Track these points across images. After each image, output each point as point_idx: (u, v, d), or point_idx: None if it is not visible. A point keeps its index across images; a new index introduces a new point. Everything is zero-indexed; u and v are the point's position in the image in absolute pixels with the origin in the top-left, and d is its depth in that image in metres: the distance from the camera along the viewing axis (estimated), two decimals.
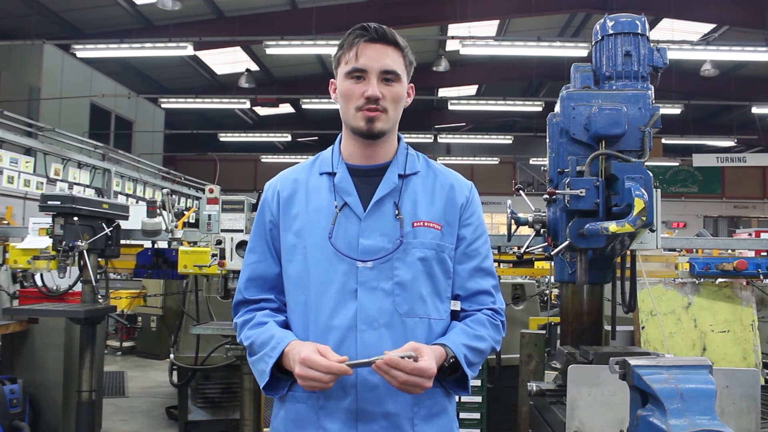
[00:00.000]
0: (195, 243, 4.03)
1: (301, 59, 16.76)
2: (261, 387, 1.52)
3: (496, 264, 1.86)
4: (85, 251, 3.62)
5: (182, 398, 4.58)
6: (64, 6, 13.51)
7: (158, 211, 4.07)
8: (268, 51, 11.19)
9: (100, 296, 3.84)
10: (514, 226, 2.35)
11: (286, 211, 1.60)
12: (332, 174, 1.60)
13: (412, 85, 1.64)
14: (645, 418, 1.30)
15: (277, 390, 1.53)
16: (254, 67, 17.05)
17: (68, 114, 14.16)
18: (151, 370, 7.60)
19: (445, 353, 1.46)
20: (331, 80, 1.64)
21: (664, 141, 19.91)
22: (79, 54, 12.60)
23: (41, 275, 4.14)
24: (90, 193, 10.90)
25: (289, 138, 21.01)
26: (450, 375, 1.51)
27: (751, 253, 4.39)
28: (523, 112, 18.47)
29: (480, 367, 1.59)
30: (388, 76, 1.53)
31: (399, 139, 1.66)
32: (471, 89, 21.11)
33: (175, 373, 4.55)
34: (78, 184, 11.29)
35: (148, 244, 4.32)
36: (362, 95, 1.51)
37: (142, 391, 6.53)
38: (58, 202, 3.52)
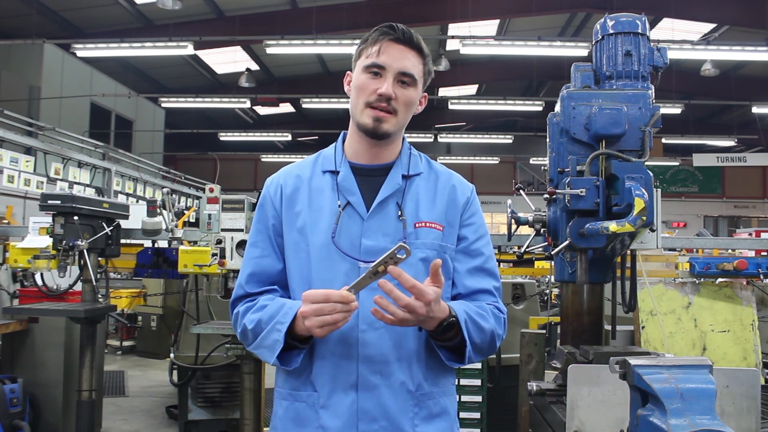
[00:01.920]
0: (195, 242, 4.03)
1: (301, 59, 16.78)
2: (273, 358, 1.45)
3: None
4: (85, 250, 3.62)
5: (182, 397, 4.58)
6: (64, 5, 13.51)
7: (158, 210, 4.07)
8: (269, 50, 11.19)
9: (100, 295, 3.84)
10: (514, 226, 2.35)
11: (289, 208, 1.59)
12: (335, 172, 1.60)
13: (425, 94, 1.64)
14: (645, 417, 1.30)
15: (290, 361, 1.48)
16: (254, 67, 17.06)
17: (68, 113, 14.17)
18: (151, 369, 7.60)
19: (448, 309, 1.43)
20: (348, 72, 1.63)
21: (664, 141, 19.93)
22: (80, 53, 12.60)
23: (41, 274, 4.14)
24: (90, 193, 10.92)
25: (289, 137, 21.02)
26: (448, 341, 1.48)
27: (751, 253, 4.39)
28: (524, 112, 18.49)
29: (482, 356, 1.54)
30: (404, 79, 1.53)
31: (403, 139, 1.66)
32: (471, 89, 21.11)
33: (175, 372, 4.56)
34: (78, 184, 11.30)
35: (148, 243, 4.32)
36: (375, 91, 1.51)
37: (142, 390, 6.53)
38: (59, 202, 3.52)
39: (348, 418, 1.47)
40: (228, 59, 16.89)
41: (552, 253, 2.22)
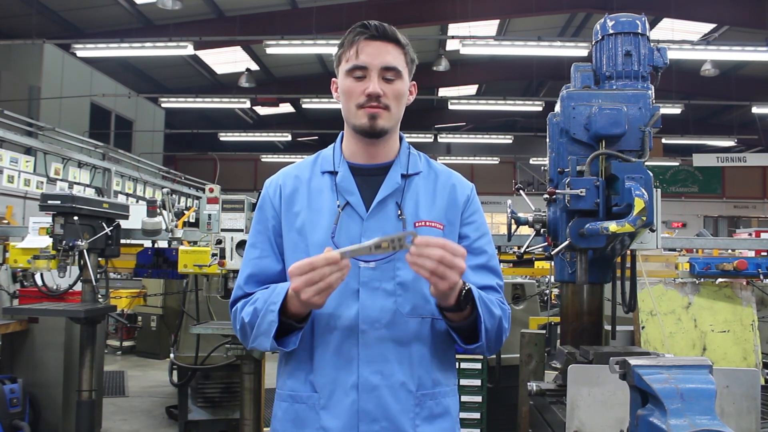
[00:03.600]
0: (195, 242, 4.04)
1: (301, 59, 16.77)
2: (270, 340, 1.43)
3: None
4: (85, 251, 3.62)
5: (182, 398, 4.58)
6: (64, 5, 13.51)
7: (158, 210, 4.07)
8: (268, 50, 11.19)
9: (100, 296, 3.84)
10: (514, 226, 2.35)
11: (288, 208, 1.58)
12: (334, 173, 1.59)
13: (414, 83, 1.64)
14: (645, 417, 1.30)
15: (288, 342, 1.47)
16: (254, 67, 17.06)
17: (68, 113, 14.17)
18: (151, 369, 7.60)
19: (462, 282, 1.41)
20: (333, 79, 1.63)
21: (664, 141, 19.93)
22: (80, 53, 12.60)
23: (41, 275, 4.14)
24: (90, 193, 10.93)
25: (289, 138, 21.03)
26: (463, 320, 1.46)
27: (751, 253, 4.39)
28: (524, 112, 18.50)
29: (490, 349, 1.52)
30: (388, 74, 1.52)
31: (401, 138, 1.66)
32: (471, 89, 21.12)
33: (175, 372, 4.56)
34: (78, 184, 11.31)
35: (148, 243, 4.32)
36: (363, 92, 1.51)
37: (142, 390, 6.53)
38: (59, 202, 3.52)
39: (348, 418, 1.46)
40: (228, 59, 16.89)
41: (552, 253, 2.22)
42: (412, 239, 1.30)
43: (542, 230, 2.28)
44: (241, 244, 3.36)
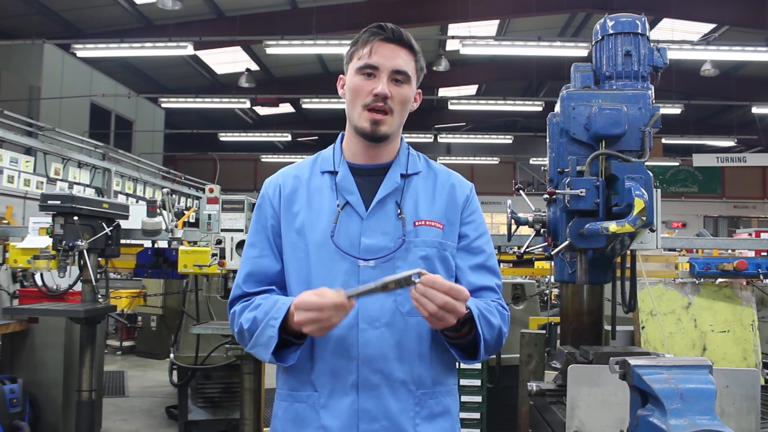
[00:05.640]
0: (195, 243, 4.03)
1: (301, 59, 16.78)
2: (269, 355, 1.44)
3: None
4: (85, 251, 3.62)
5: (182, 398, 4.58)
6: (64, 5, 13.51)
7: (158, 210, 4.07)
8: (269, 51, 11.19)
9: (100, 296, 3.84)
10: (514, 226, 2.35)
11: (288, 208, 1.59)
12: (334, 173, 1.60)
13: (420, 91, 1.65)
14: (645, 418, 1.30)
15: (286, 357, 1.47)
16: (254, 67, 17.06)
17: (68, 113, 14.17)
18: (151, 369, 7.60)
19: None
20: (340, 75, 1.64)
21: (664, 141, 19.94)
22: (80, 53, 12.60)
23: (41, 275, 4.14)
24: (90, 193, 10.92)
25: (289, 138, 21.03)
26: (462, 338, 1.47)
27: (751, 253, 4.39)
28: (524, 112, 18.50)
29: (490, 354, 1.52)
30: (398, 77, 1.53)
31: (401, 139, 1.66)
32: (471, 89, 21.12)
33: (175, 372, 4.56)
34: (78, 184, 11.30)
35: (148, 243, 4.32)
36: (371, 92, 1.51)
37: (142, 390, 6.53)
38: (58, 202, 3.52)
39: (348, 418, 1.46)
40: (228, 59, 16.89)
41: (552, 253, 2.22)
42: (419, 276, 1.32)
43: (542, 230, 2.28)
44: (241, 244, 3.36)
